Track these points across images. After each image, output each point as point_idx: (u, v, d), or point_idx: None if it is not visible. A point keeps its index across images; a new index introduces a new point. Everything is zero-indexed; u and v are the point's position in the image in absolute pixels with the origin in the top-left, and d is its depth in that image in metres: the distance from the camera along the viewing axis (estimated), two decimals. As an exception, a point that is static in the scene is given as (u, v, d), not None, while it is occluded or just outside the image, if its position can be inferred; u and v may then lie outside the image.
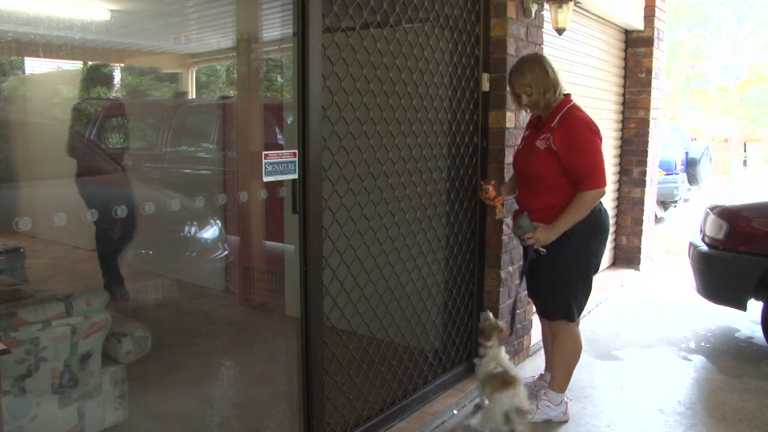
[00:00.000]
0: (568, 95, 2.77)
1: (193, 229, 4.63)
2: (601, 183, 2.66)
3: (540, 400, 2.91)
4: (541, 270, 2.83)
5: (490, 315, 2.92)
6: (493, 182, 2.98)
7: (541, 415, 2.89)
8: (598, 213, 2.77)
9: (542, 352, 3.69)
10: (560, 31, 3.39)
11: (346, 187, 2.52)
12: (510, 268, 3.35)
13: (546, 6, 3.37)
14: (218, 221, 4.43)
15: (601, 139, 2.71)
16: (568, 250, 2.74)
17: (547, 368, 3.10)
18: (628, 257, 5.81)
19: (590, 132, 2.67)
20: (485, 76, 3.17)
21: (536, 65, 2.73)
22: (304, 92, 2.19)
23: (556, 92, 2.72)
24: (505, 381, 2.65)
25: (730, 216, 3.76)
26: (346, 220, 2.53)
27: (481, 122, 3.24)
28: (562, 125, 2.68)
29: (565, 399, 2.94)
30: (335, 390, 2.53)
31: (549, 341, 3.04)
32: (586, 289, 2.84)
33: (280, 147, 3.68)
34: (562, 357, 2.91)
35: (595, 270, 2.85)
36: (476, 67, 3.17)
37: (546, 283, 2.83)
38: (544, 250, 2.77)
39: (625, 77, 5.61)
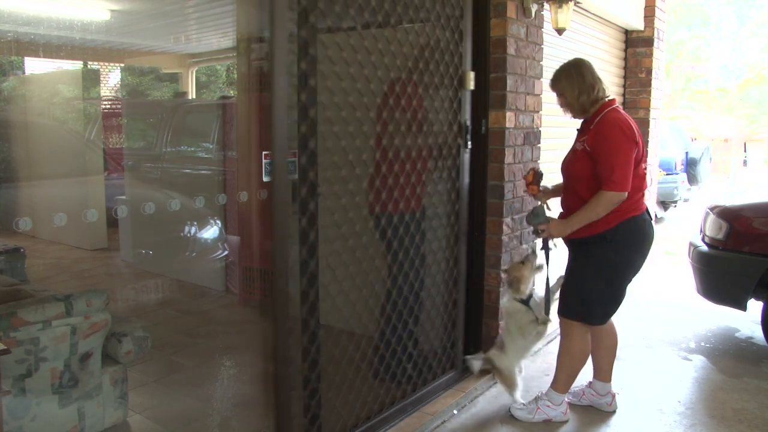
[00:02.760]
0: (612, 99, 2.74)
1: (193, 229, 4.63)
2: (619, 187, 2.57)
3: (540, 400, 2.90)
4: (577, 271, 2.80)
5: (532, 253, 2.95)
6: (534, 168, 2.99)
7: (541, 415, 2.88)
8: (643, 222, 2.70)
9: (542, 352, 3.70)
10: (560, 31, 3.39)
11: (346, 187, 2.52)
12: (510, 268, 3.35)
13: (546, 6, 3.37)
14: (218, 221, 4.43)
15: (635, 144, 2.62)
16: (608, 257, 2.68)
17: (595, 375, 3.04)
18: (628, 257, 5.80)
19: (621, 134, 2.61)
20: (470, 74, 3.08)
21: (573, 71, 2.74)
22: (304, 92, 2.18)
23: (590, 95, 2.70)
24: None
25: (730, 216, 3.76)
26: (346, 220, 2.53)
27: (465, 121, 3.07)
28: (598, 126, 2.67)
29: (566, 399, 2.94)
30: (334, 390, 2.53)
31: (599, 345, 2.97)
32: (614, 298, 2.78)
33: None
34: (569, 359, 2.87)
35: (629, 280, 2.78)
36: (459, 65, 3.04)
37: (578, 285, 2.79)
38: (555, 245, 2.79)
39: (625, 77, 5.61)
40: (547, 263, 2.92)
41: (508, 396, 3.04)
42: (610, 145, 2.61)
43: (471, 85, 3.03)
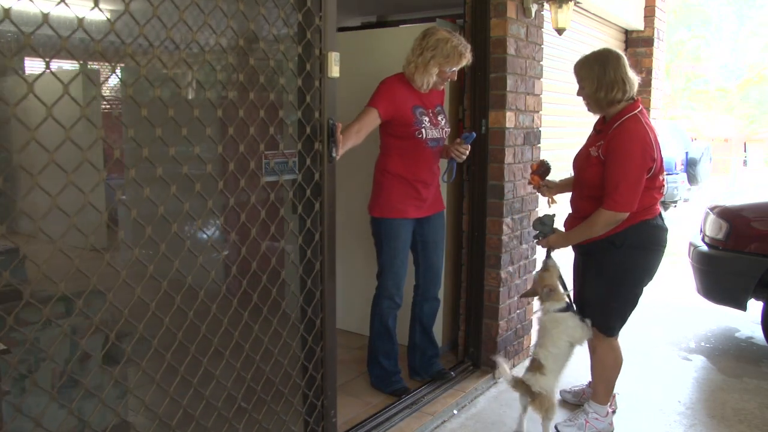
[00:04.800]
0: (636, 101, 2.56)
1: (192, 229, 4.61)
2: (620, 206, 2.43)
3: (588, 413, 2.81)
4: (589, 280, 2.72)
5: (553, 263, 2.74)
6: (543, 159, 2.93)
7: (591, 429, 2.80)
8: (654, 226, 2.59)
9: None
10: (560, 31, 3.39)
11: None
12: (510, 268, 3.35)
13: (546, 6, 3.37)
14: (218, 221, 4.42)
15: (652, 161, 2.45)
16: (618, 262, 2.59)
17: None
18: (628, 257, 5.79)
19: (639, 150, 2.43)
20: (332, 56, 2.06)
21: (597, 62, 2.56)
22: (304, 92, 2.18)
23: (609, 94, 2.51)
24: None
25: (730, 216, 3.76)
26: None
27: (329, 121, 2.14)
28: (615, 133, 2.49)
29: (609, 409, 2.86)
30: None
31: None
32: (631, 305, 2.71)
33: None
34: (603, 372, 2.80)
35: (643, 285, 2.70)
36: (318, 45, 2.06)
37: (591, 294, 2.72)
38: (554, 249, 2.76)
39: (625, 77, 5.60)
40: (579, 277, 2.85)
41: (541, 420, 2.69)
42: (622, 159, 2.44)
43: (335, 71, 2.09)
